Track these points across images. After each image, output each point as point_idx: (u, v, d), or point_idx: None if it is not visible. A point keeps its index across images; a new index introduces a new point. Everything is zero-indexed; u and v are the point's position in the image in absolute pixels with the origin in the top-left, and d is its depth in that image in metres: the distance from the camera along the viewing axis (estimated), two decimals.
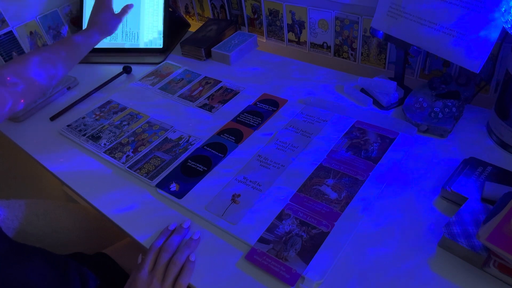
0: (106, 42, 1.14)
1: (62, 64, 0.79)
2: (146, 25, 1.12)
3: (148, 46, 1.13)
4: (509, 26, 0.61)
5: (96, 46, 1.13)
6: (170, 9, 1.15)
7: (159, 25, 1.12)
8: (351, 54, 0.99)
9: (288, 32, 1.08)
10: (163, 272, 0.57)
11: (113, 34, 1.11)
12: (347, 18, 0.93)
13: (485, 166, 0.64)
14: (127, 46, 1.13)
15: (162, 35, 1.12)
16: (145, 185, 0.73)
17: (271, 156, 0.75)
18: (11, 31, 1.08)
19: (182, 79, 1.01)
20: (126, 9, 0.97)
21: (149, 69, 1.07)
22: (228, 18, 1.21)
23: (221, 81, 0.98)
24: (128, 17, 1.12)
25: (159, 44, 1.12)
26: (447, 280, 0.52)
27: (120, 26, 1.11)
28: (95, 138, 0.85)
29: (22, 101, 0.73)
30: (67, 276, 0.62)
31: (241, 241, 0.61)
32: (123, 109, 0.93)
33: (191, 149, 0.79)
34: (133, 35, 1.13)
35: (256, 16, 1.12)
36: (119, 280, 0.71)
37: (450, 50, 0.70)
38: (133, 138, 0.83)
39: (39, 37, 1.15)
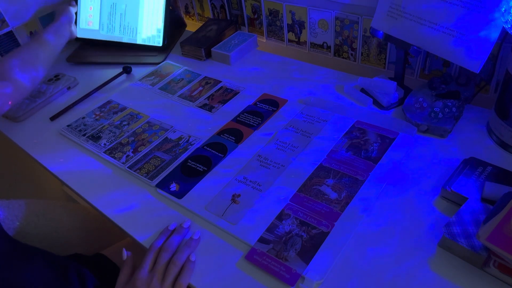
0: (103, 35, 1.13)
1: (41, 65, 0.85)
2: (145, 21, 1.10)
3: (147, 43, 1.12)
4: (509, 26, 0.61)
5: (93, 38, 1.14)
6: (170, 8, 1.15)
7: (159, 22, 1.10)
8: (351, 54, 0.99)
9: (288, 32, 1.08)
10: (163, 272, 0.57)
11: (110, 27, 1.12)
12: (347, 18, 0.93)
13: (485, 166, 0.64)
14: (124, 40, 1.12)
15: (161, 33, 1.10)
16: (145, 185, 0.73)
17: (271, 156, 0.74)
18: (11, 31, 1.08)
19: (182, 79, 1.01)
20: None
21: (149, 69, 1.07)
22: (228, 18, 1.21)
23: (221, 81, 0.98)
24: (127, 11, 1.10)
25: (158, 42, 1.11)
26: (447, 280, 0.52)
27: (118, 19, 1.10)
28: (95, 138, 0.85)
29: (9, 102, 0.77)
30: (66, 277, 0.62)
31: (241, 241, 0.61)
32: (123, 109, 0.93)
33: (191, 149, 0.79)
34: (131, 29, 1.11)
35: (256, 16, 1.12)
36: None
37: (450, 50, 0.70)
38: (133, 138, 0.83)
39: None
